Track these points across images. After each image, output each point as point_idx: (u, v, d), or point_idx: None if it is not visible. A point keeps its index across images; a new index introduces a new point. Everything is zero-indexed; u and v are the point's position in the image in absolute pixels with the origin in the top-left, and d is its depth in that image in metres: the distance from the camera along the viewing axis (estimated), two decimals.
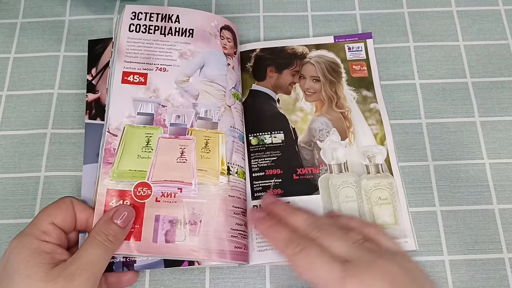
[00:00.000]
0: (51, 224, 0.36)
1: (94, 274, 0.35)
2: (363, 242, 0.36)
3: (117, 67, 0.43)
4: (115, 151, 0.40)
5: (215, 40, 0.45)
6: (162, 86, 0.43)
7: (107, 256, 0.36)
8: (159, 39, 0.45)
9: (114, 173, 0.40)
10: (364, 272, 0.32)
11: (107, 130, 0.41)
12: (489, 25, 0.52)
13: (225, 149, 0.42)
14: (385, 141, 0.46)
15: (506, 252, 0.42)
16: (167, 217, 0.39)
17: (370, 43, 0.50)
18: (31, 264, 0.33)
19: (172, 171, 0.40)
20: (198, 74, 0.44)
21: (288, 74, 0.49)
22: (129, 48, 0.44)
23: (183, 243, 0.38)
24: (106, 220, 0.38)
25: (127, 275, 0.40)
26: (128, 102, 0.42)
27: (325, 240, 0.35)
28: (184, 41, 0.45)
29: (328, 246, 0.35)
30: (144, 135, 0.41)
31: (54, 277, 0.33)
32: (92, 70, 0.46)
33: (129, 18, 0.45)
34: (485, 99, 0.49)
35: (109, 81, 0.43)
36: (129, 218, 0.38)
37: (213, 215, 0.40)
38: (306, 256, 0.34)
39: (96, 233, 0.36)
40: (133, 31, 0.45)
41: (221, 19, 0.47)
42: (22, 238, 0.35)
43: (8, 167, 0.46)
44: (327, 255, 0.34)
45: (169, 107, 0.42)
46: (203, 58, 0.44)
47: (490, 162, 0.46)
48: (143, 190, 0.40)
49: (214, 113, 0.43)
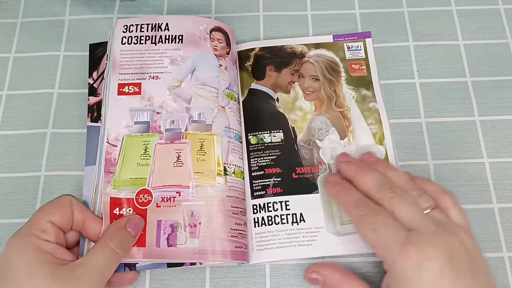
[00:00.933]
0: (49, 223, 0.36)
1: (102, 279, 0.35)
2: (433, 210, 0.36)
3: (112, 80, 0.44)
4: (116, 161, 0.41)
5: (205, 43, 0.46)
6: (155, 93, 0.44)
7: (116, 263, 0.37)
8: (150, 48, 0.45)
9: (116, 182, 0.41)
10: (424, 242, 0.33)
11: (106, 140, 0.42)
12: (488, 24, 0.52)
13: (220, 150, 0.42)
14: (384, 141, 0.46)
15: (506, 251, 0.42)
16: (168, 221, 0.40)
17: (369, 42, 0.50)
18: (34, 263, 0.33)
19: (170, 176, 0.41)
20: (189, 78, 0.45)
21: (287, 73, 0.49)
22: (122, 60, 0.45)
23: (184, 246, 0.39)
24: (119, 227, 0.38)
25: (128, 274, 0.40)
26: (125, 112, 0.43)
27: (395, 204, 0.36)
28: (174, 48, 0.45)
29: (396, 211, 0.36)
30: (141, 143, 0.42)
31: (61, 277, 0.33)
32: (93, 73, 0.46)
33: (121, 31, 0.46)
34: (485, 98, 0.49)
35: (105, 94, 0.44)
36: (139, 227, 0.39)
37: (212, 216, 0.40)
38: (373, 218, 0.35)
39: (109, 239, 0.37)
40: (125, 43, 0.46)
41: (210, 21, 0.47)
42: (21, 237, 0.35)
43: (8, 167, 0.46)
44: (393, 221, 0.35)
45: (164, 113, 0.43)
46: (193, 62, 0.45)
47: (489, 161, 0.46)
48: (144, 196, 0.40)
49: (208, 115, 0.43)
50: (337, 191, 0.40)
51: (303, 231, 0.42)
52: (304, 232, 0.42)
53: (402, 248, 0.33)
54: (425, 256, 0.32)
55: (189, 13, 0.53)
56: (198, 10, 0.53)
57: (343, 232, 0.42)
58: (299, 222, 0.43)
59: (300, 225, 0.42)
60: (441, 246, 0.33)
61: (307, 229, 0.42)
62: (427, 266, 0.32)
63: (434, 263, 0.32)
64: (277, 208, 0.43)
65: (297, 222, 0.43)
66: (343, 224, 0.42)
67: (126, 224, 0.38)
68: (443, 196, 0.38)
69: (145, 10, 0.53)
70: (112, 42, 0.46)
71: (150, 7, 0.53)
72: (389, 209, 0.36)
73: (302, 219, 0.43)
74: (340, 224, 0.42)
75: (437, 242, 0.33)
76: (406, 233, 0.34)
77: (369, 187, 0.38)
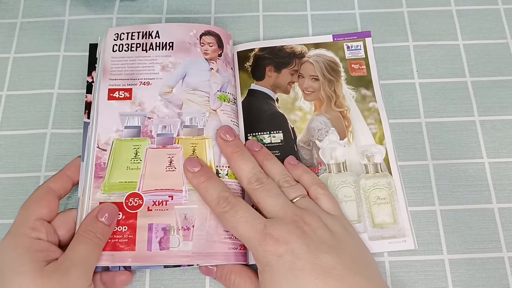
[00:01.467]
0: (38, 220, 0.37)
1: (87, 269, 0.36)
2: (301, 198, 0.38)
3: (102, 85, 0.44)
4: (105, 165, 0.41)
5: (195, 49, 0.46)
6: (146, 99, 0.44)
7: (97, 251, 0.37)
8: (141, 55, 0.46)
9: (106, 186, 0.41)
10: (281, 229, 0.35)
11: (96, 145, 0.42)
12: (488, 24, 0.52)
13: (212, 154, 0.42)
14: (384, 141, 0.46)
15: (506, 251, 0.42)
16: (160, 224, 0.40)
17: (369, 41, 0.50)
18: (25, 261, 0.34)
19: (162, 180, 0.41)
20: (180, 84, 0.45)
21: (287, 73, 0.49)
22: (113, 67, 0.45)
23: (177, 249, 0.39)
24: (91, 218, 0.38)
25: (122, 275, 0.40)
26: (115, 117, 0.43)
27: (259, 195, 0.38)
28: (165, 54, 0.46)
29: (261, 202, 0.38)
30: (132, 147, 0.42)
31: (49, 273, 0.34)
32: (93, 73, 0.46)
33: (112, 39, 0.46)
34: (485, 98, 0.49)
35: (94, 99, 0.44)
36: (113, 216, 0.39)
37: (205, 219, 0.40)
38: (233, 215, 0.37)
39: (84, 231, 0.37)
40: (116, 51, 0.46)
41: (200, 27, 0.47)
42: (13, 238, 0.36)
43: (8, 167, 0.46)
44: (252, 214, 0.36)
45: (155, 118, 0.43)
46: (184, 68, 0.45)
47: (489, 161, 0.46)
48: (134, 200, 0.40)
49: (199, 120, 0.43)
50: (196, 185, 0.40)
51: None
52: None
53: (261, 239, 0.34)
54: (282, 241, 0.34)
55: (188, 13, 0.53)
56: (197, 10, 0.53)
57: None
58: None
59: None
60: (297, 230, 0.35)
61: None
62: (283, 251, 0.34)
63: (290, 246, 0.34)
64: None
65: None
66: None
67: (97, 215, 0.38)
68: (314, 187, 0.40)
69: (144, 10, 0.53)
70: (103, 49, 0.46)
71: (149, 7, 0.53)
72: (255, 200, 0.38)
73: None
74: None
75: (296, 227, 0.35)
76: (263, 224, 0.35)
77: (240, 176, 0.40)
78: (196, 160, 0.41)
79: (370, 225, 0.42)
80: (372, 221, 0.42)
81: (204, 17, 0.53)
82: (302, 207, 0.37)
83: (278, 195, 0.38)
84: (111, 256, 0.38)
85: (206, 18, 0.53)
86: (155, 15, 0.53)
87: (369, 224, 0.42)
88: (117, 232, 0.39)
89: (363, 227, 0.42)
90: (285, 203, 0.37)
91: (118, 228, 0.39)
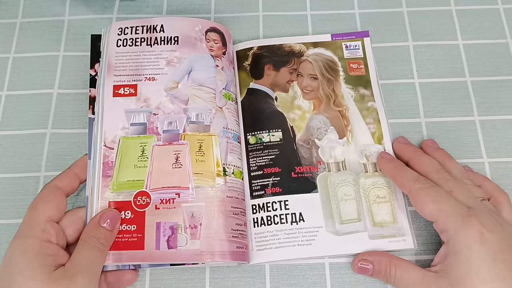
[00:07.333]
0: (48, 222, 0.37)
1: (93, 274, 0.36)
2: (485, 200, 0.39)
3: (107, 81, 0.44)
4: (113, 164, 0.41)
5: (201, 44, 0.46)
6: (152, 95, 0.44)
7: (102, 256, 0.37)
8: (146, 50, 0.45)
9: (114, 185, 0.41)
10: (487, 218, 0.35)
11: (103, 144, 0.42)
12: (488, 24, 0.52)
13: (219, 151, 0.42)
14: (382, 140, 0.46)
15: None
16: (168, 223, 0.39)
17: (367, 41, 0.50)
18: (34, 266, 0.34)
19: (168, 177, 0.41)
20: (186, 79, 0.44)
21: (286, 72, 0.49)
22: (117, 62, 0.45)
23: (185, 247, 0.39)
24: (93, 224, 0.38)
25: (127, 275, 0.40)
26: (121, 114, 0.43)
27: (452, 185, 0.38)
28: (170, 49, 0.45)
29: (454, 191, 0.37)
30: (138, 145, 0.42)
31: (57, 279, 0.33)
32: (96, 65, 0.46)
33: (116, 34, 0.46)
34: (484, 98, 0.48)
35: (99, 96, 0.44)
36: (115, 221, 0.39)
37: (212, 217, 0.40)
38: (433, 192, 0.37)
39: (87, 237, 0.37)
40: (120, 46, 0.45)
41: (205, 22, 0.47)
42: (24, 240, 0.36)
43: (8, 167, 0.46)
44: (452, 197, 0.37)
45: (161, 114, 0.43)
46: (189, 63, 0.45)
47: (489, 161, 0.46)
48: (142, 199, 0.40)
49: (206, 116, 0.43)
50: (393, 168, 0.41)
51: (303, 231, 0.42)
52: (304, 231, 0.42)
53: (464, 219, 0.35)
54: (487, 228, 0.34)
55: (188, 13, 0.53)
56: (197, 10, 0.53)
57: (343, 231, 0.42)
58: (299, 222, 0.43)
59: (299, 224, 0.42)
60: (498, 225, 0.35)
61: (306, 229, 0.42)
62: (488, 238, 0.34)
63: (495, 236, 0.34)
64: (276, 208, 0.43)
65: (297, 222, 0.43)
66: (343, 224, 0.42)
67: (99, 221, 0.38)
68: (499, 193, 0.40)
69: (144, 10, 0.53)
70: (106, 44, 0.46)
71: (149, 7, 0.53)
72: (446, 189, 0.38)
73: (302, 218, 0.43)
74: (339, 224, 0.42)
75: (497, 222, 0.35)
76: (466, 207, 0.36)
77: (427, 168, 0.40)
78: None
79: (370, 223, 0.42)
80: (372, 220, 0.42)
81: (204, 17, 0.53)
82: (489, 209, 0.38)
83: (468, 190, 0.38)
84: (120, 255, 0.38)
85: (206, 18, 0.53)
86: (155, 15, 0.53)
87: (369, 222, 0.42)
88: (126, 231, 0.39)
89: (363, 226, 0.42)
90: (477, 199, 0.38)
91: (127, 227, 0.39)
